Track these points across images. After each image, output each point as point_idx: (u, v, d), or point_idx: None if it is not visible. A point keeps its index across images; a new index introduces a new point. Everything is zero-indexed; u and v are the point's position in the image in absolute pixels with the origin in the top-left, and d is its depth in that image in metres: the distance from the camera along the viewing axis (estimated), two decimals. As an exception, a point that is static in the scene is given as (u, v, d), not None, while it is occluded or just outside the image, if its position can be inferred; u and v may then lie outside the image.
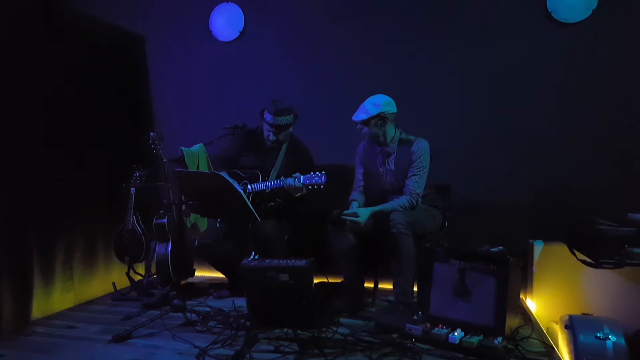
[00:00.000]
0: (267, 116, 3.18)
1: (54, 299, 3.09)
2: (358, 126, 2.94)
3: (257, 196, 3.19)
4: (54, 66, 3.11)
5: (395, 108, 2.93)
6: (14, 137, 2.82)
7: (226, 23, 3.88)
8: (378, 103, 2.88)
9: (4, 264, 2.72)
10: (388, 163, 3.01)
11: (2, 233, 2.72)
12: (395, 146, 2.99)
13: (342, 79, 3.66)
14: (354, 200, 3.04)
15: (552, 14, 3.26)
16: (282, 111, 3.16)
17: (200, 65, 3.95)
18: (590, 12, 3.18)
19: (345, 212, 2.83)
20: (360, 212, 2.80)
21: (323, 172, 2.93)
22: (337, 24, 3.66)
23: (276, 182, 3.08)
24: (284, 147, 3.31)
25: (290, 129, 3.28)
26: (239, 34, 3.87)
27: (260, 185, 3.16)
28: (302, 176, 2.95)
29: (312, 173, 2.94)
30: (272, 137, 3.23)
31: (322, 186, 2.92)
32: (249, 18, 3.84)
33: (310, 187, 2.94)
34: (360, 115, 2.90)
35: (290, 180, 2.96)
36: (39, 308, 2.93)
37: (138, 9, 3.99)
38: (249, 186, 3.18)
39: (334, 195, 2.95)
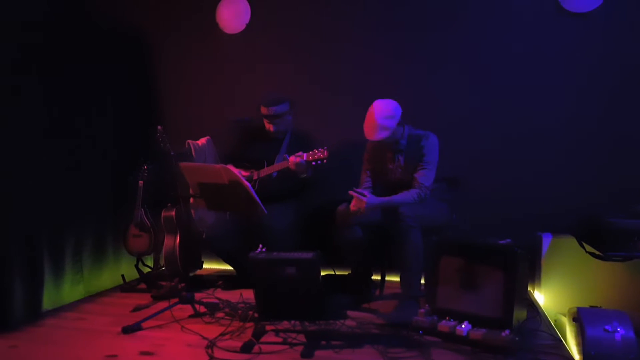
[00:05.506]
0: (261, 108, 3.24)
1: (64, 290, 3.12)
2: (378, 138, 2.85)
3: (263, 184, 3.20)
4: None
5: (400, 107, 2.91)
6: (21, 128, 2.84)
7: (233, 15, 3.87)
8: (390, 114, 2.83)
9: (15, 256, 2.75)
10: (398, 159, 3.00)
11: (13, 226, 2.75)
12: (405, 142, 2.97)
13: (350, 72, 3.63)
14: None
15: (561, 4, 3.21)
16: (274, 100, 3.23)
17: (207, 57, 3.94)
18: (602, 1, 3.13)
19: (356, 189, 2.83)
20: (370, 197, 2.79)
21: (325, 146, 2.97)
22: (344, 15, 3.63)
23: (281, 162, 3.14)
24: (287, 136, 3.35)
25: (289, 117, 3.30)
26: (245, 26, 3.85)
27: (265, 170, 3.19)
28: (304, 154, 2.99)
29: (314, 150, 2.99)
30: (273, 128, 3.27)
31: (325, 160, 2.96)
32: (256, 10, 3.82)
33: (314, 162, 2.97)
34: (381, 134, 2.82)
35: (293, 157, 3.01)
36: (49, 300, 2.97)
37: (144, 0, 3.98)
38: (255, 173, 3.22)
39: (339, 187, 2.94)
